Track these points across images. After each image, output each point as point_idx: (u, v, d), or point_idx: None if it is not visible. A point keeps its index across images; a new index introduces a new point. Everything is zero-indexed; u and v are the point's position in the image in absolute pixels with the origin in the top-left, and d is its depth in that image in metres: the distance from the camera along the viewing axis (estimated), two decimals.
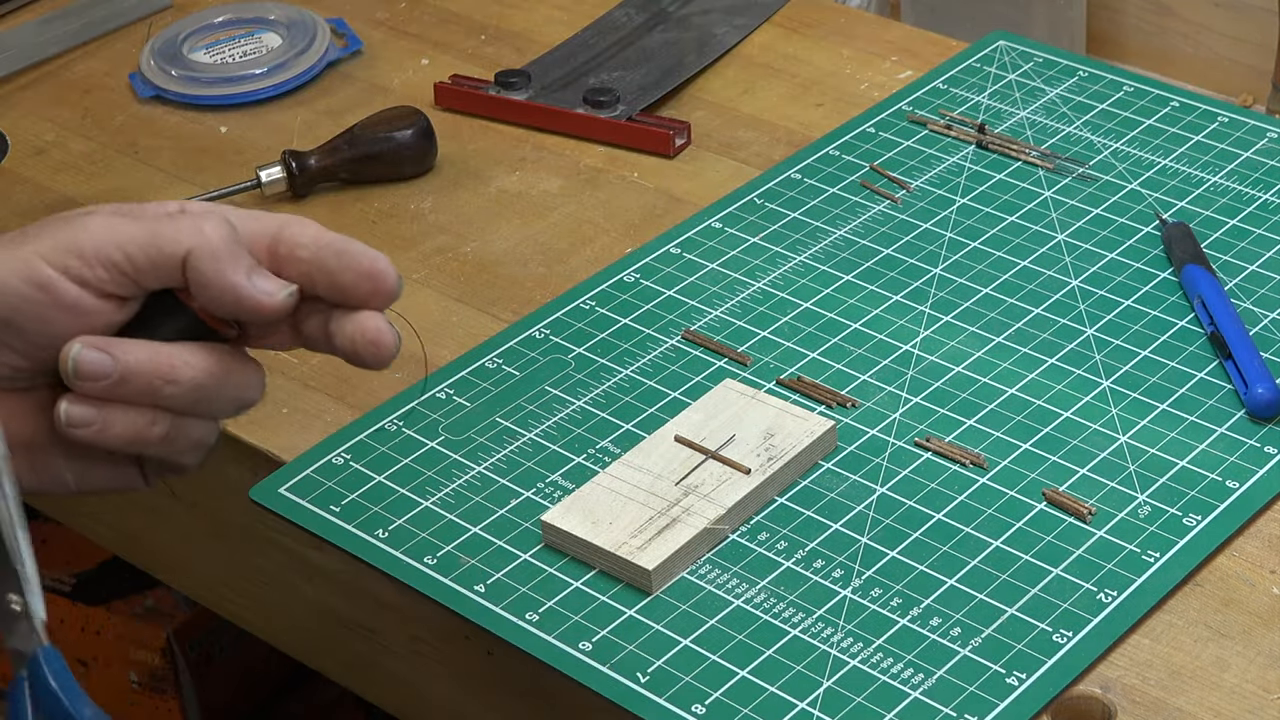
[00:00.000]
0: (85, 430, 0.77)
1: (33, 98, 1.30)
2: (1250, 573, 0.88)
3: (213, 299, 0.77)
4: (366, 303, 0.79)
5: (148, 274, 0.77)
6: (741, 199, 1.14)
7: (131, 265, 0.77)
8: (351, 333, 0.79)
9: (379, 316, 0.79)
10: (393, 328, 0.79)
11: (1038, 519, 0.91)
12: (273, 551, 1.01)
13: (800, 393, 0.99)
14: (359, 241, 0.79)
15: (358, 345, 0.79)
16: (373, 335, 0.79)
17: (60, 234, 0.77)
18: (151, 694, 1.42)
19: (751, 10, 1.33)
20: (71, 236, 0.76)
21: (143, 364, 0.77)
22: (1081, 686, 0.83)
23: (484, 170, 1.20)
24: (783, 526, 0.92)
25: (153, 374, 0.77)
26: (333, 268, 0.79)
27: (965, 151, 1.16)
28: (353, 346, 0.79)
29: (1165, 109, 1.19)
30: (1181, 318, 1.02)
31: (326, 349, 0.81)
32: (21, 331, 0.77)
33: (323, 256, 0.79)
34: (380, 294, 0.79)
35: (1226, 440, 0.94)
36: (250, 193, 1.18)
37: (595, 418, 0.99)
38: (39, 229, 0.78)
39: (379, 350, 0.79)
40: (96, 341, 0.77)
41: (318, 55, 1.29)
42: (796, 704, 0.83)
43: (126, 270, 0.77)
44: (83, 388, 0.77)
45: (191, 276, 0.77)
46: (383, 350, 0.79)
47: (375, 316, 0.79)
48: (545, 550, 0.91)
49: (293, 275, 0.79)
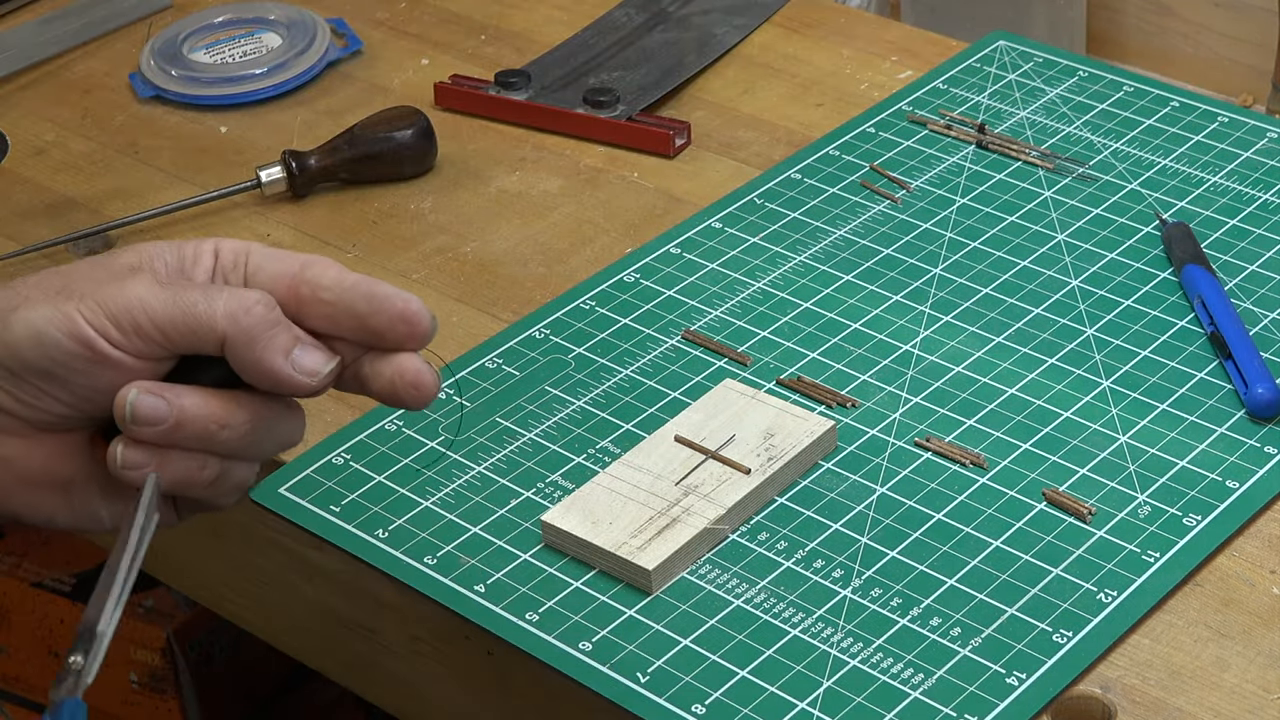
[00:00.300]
0: (139, 473, 0.78)
1: (33, 98, 1.30)
2: (1250, 573, 0.88)
3: (253, 379, 0.78)
4: (402, 345, 0.79)
5: (184, 347, 0.78)
6: (741, 199, 1.14)
7: (167, 339, 0.77)
8: (391, 376, 0.79)
9: (416, 358, 0.79)
10: (432, 368, 0.79)
11: (1038, 519, 0.91)
12: (273, 551, 1.01)
13: (800, 393, 0.99)
14: (385, 283, 0.79)
15: (398, 388, 0.79)
16: (413, 378, 0.79)
17: (101, 293, 0.77)
18: (151, 694, 1.42)
19: (751, 10, 1.33)
20: (111, 300, 0.77)
21: (198, 409, 0.78)
22: (1081, 686, 0.83)
23: (484, 170, 1.20)
24: (783, 526, 0.92)
25: (208, 419, 0.78)
26: (363, 311, 0.78)
27: (965, 151, 1.16)
28: (393, 389, 0.79)
29: (1165, 109, 1.19)
30: (1181, 318, 1.02)
31: (358, 390, 0.80)
32: (65, 383, 0.78)
33: (349, 299, 0.78)
34: (416, 337, 0.79)
35: (1226, 440, 0.94)
36: (250, 193, 1.18)
37: (595, 418, 0.99)
38: (83, 279, 0.78)
39: (420, 392, 0.79)
40: (152, 387, 0.77)
41: (318, 55, 1.29)
42: (796, 704, 0.83)
43: (162, 342, 0.77)
44: (139, 433, 0.77)
45: (230, 358, 0.77)
46: (424, 391, 0.79)
47: (412, 358, 0.79)
48: (545, 550, 0.91)
49: (316, 318, 0.79)
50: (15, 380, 0.77)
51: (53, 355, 0.77)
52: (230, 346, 0.77)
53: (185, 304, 0.77)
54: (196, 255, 0.81)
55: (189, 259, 0.81)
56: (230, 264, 0.81)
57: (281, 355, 0.77)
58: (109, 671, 1.42)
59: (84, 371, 0.77)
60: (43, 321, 0.77)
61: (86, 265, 0.80)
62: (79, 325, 0.77)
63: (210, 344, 0.77)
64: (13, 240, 1.16)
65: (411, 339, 0.79)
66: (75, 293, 0.77)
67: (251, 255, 0.81)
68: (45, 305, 0.77)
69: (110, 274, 0.78)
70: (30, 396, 0.78)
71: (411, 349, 0.79)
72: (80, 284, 0.78)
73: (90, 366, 0.77)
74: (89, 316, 0.77)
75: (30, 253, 1.14)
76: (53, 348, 0.77)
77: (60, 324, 0.77)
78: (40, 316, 0.77)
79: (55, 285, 0.78)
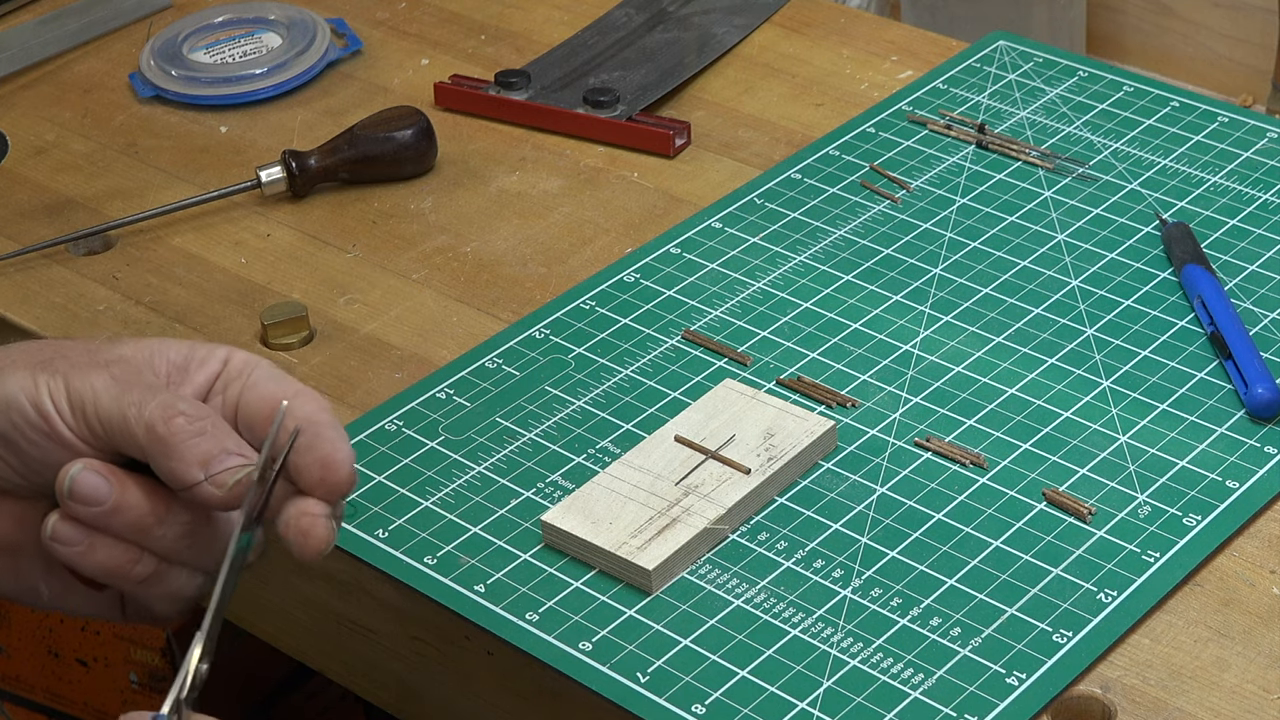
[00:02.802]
0: (68, 550, 0.77)
1: (33, 98, 1.30)
2: (1250, 573, 0.88)
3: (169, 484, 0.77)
4: (314, 490, 0.78)
5: (119, 445, 0.77)
6: (741, 199, 1.14)
7: (107, 435, 0.77)
8: (287, 516, 0.78)
9: (320, 506, 0.77)
10: (332, 526, 0.77)
11: (1038, 519, 0.91)
12: (273, 552, 1.01)
13: (800, 393, 0.99)
14: (339, 429, 0.78)
15: (290, 529, 0.77)
16: (306, 524, 0.77)
17: (73, 374, 0.77)
18: (151, 694, 1.42)
19: (751, 10, 1.33)
20: (74, 384, 0.77)
21: (137, 499, 0.77)
22: (1081, 686, 0.83)
23: (484, 170, 1.20)
24: (783, 526, 0.92)
25: (146, 511, 0.77)
26: (297, 446, 0.78)
27: (965, 151, 1.16)
28: (285, 528, 0.78)
29: (1165, 109, 1.19)
30: (1181, 318, 1.02)
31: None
32: (21, 452, 0.78)
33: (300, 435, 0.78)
34: (327, 484, 0.78)
35: (1226, 440, 0.94)
36: (250, 193, 1.18)
37: (595, 418, 0.99)
38: (67, 358, 0.78)
39: (305, 542, 0.77)
40: (101, 467, 0.77)
41: (318, 55, 1.29)
42: (796, 704, 0.83)
43: (103, 436, 0.77)
44: (75, 510, 0.77)
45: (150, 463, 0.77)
46: (309, 544, 0.77)
47: (318, 505, 0.77)
48: (545, 550, 0.91)
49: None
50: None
51: (14, 420, 0.77)
52: (148, 453, 0.77)
53: (124, 403, 0.77)
54: (205, 359, 0.81)
55: (196, 360, 0.81)
56: (235, 373, 0.81)
57: (196, 465, 0.76)
58: (109, 671, 1.42)
59: (39, 444, 0.78)
60: (15, 388, 0.77)
61: (81, 345, 0.80)
62: (42, 398, 0.77)
63: (134, 447, 0.77)
64: (13, 240, 1.16)
65: (323, 485, 0.77)
66: (54, 368, 0.78)
67: (256, 371, 0.80)
68: (24, 372, 0.78)
69: (93, 360, 0.78)
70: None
71: (323, 496, 0.78)
72: (62, 361, 0.78)
73: (45, 440, 0.77)
74: (53, 392, 0.77)
75: (30, 253, 1.14)
76: (16, 413, 0.77)
77: (29, 393, 0.77)
78: (15, 384, 0.77)
79: (43, 356, 0.78)
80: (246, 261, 1.13)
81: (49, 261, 1.14)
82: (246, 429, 0.80)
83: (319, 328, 1.07)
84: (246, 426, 0.80)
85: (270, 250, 1.14)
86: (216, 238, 1.15)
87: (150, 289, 1.11)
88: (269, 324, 1.06)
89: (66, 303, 1.10)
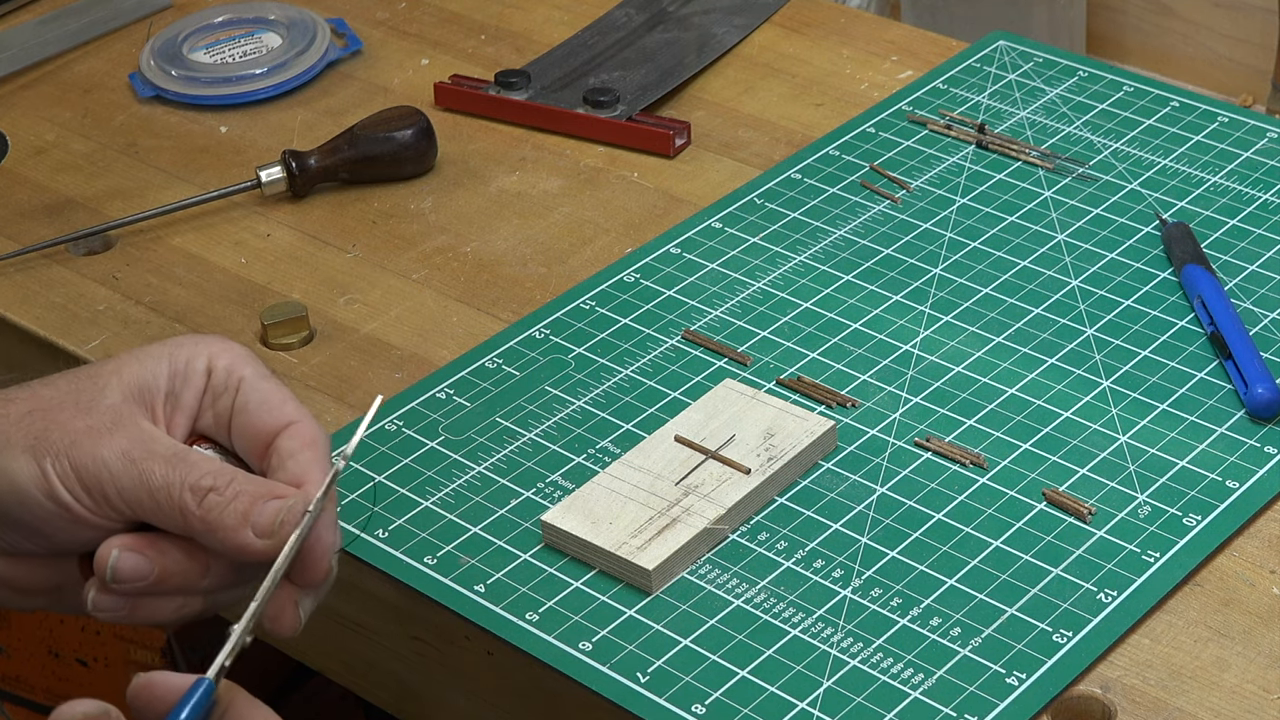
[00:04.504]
0: (112, 615, 0.78)
1: (33, 98, 1.30)
2: (1250, 573, 0.88)
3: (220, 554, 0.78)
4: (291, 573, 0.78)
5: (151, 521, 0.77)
6: (741, 199, 1.14)
7: (134, 513, 0.77)
8: None
9: (294, 592, 0.78)
10: (299, 617, 0.77)
11: (1038, 519, 0.91)
12: None
13: (800, 393, 0.99)
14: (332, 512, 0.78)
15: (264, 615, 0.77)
16: (273, 610, 0.77)
17: (76, 452, 0.77)
18: None
19: (751, 10, 1.33)
20: (82, 466, 0.77)
21: (179, 564, 0.78)
22: (1081, 686, 0.83)
23: (484, 170, 1.20)
24: (783, 526, 0.92)
25: (190, 569, 0.78)
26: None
27: (965, 151, 1.16)
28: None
29: (1165, 109, 1.19)
30: (1181, 318, 1.02)
31: None
32: (38, 533, 0.78)
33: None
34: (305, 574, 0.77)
35: (1226, 440, 0.94)
36: (250, 192, 1.18)
37: (595, 418, 0.99)
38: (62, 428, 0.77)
39: (272, 626, 0.77)
40: (133, 543, 0.77)
41: (318, 55, 1.29)
42: (796, 704, 0.83)
43: (129, 515, 0.77)
44: (122, 589, 0.77)
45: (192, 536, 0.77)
46: (276, 629, 0.77)
47: (290, 591, 0.78)
48: (545, 550, 0.91)
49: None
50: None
51: (34, 511, 0.77)
52: (189, 533, 0.77)
53: (148, 485, 0.77)
54: (188, 374, 0.80)
55: (179, 379, 0.80)
56: (221, 386, 0.80)
57: (240, 528, 0.77)
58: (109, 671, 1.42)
59: (62, 528, 0.78)
60: (23, 478, 0.77)
61: (66, 398, 0.79)
62: (55, 488, 0.77)
63: (167, 524, 0.77)
64: (13, 240, 1.16)
65: (300, 574, 0.77)
66: (51, 445, 0.77)
67: (242, 386, 0.80)
68: (25, 457, 0.77)
69: (88, 425, 0.78)
70: (11, 538, 0.78)
71: (294, 580, 0.78)
72: (58, 433, 0.77)
73: (68, 525, 0.77)
74: (63, 478, 0.77)
75: (30, 253, 1.14)
76: (34, 506, 0.77)
77: (39, 483, 0.77)
78: (21, 473, 0.77)
79: (34, 429, 0.77)
80: (246, 261, 1.13)
81: (49, 261, 1.14)
82: (242, 453, 0.81)
83: (319, 328, 1.07)
84: (243, 452, 0.81)
85: (270, 250, 1.14)
86: (216, 238, 1.15)
87: (150, 289, 1.11)
88: (269, 324, 1.06)
89: (66, 303, 1.10)
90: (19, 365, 1.11)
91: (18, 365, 1.11)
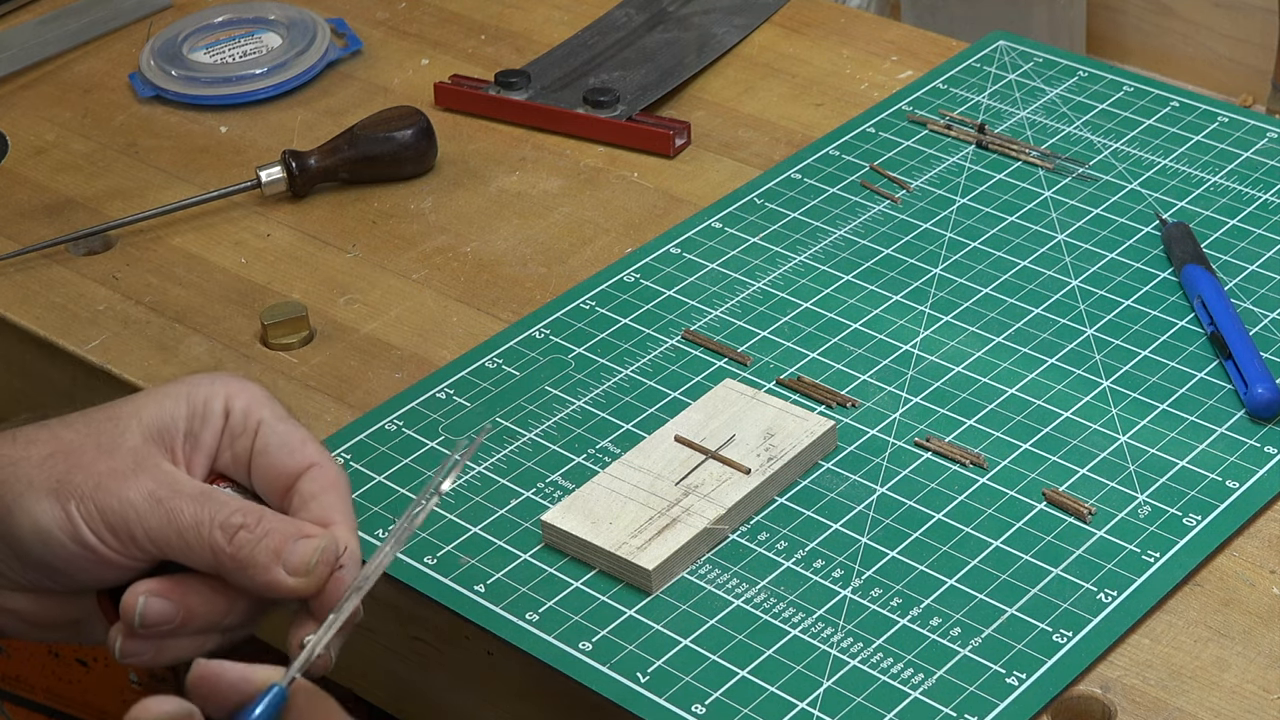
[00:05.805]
0: (140, 660, 0.78)
1: (33, 98, 1.30)
2: (1250, 573, 0.88)
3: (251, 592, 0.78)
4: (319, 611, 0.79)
5: (179, 560, 0.78)
6: (741, 199, 1.14)
7: (161, 552, 0.78)
8: (293, 630, 0.79)
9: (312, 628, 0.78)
10: (331, 656, 0.78)
11: (1038, 519, 0.91)
12: None
13: (800, 393, 0.99)
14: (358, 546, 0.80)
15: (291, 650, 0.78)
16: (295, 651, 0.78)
17: (100, 495, 0.77)
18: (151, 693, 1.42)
19: (751, 10, 1.33)
20: (108, 508, 0.77)
21: (203, 605, 0.78)
22: (1081, 686, 0.83)
23: (484, 170, 1.20)
24: (783, 526, 0.92)
25: (214, 609, 0.78)
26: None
27: (965, 151, 1.16)
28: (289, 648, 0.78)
29: (1165, 109, 1.19)
30: (1181, 318, 1.02)
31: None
32: (61, 574, 0.78)
33: None
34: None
35: (1226, 440, 0.94)
36: (250, 192, 1.18)
37: (595, 418, 0.99)
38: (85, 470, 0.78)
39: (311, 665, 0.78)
40: (158, 588, 0.78)
41: (318, 55, 1.29)
42: (796, 704, 0.83)
43: (156, 555, 0.78)
44: (148, 633, 0.78)
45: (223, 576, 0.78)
46: (313, 668, 0.78)
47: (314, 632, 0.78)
48: (545, 550, 0.91)
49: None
50: (20, 564, 0.78)
51: (56, 552, 0.77)
52: (221, 572, 0.78)
53: (176, 525, 0.77)
54: (205, 415, 0.81)
55: (198, 418, 0.80)
56: (239, 428, 0.81)
57: (274, 566, 0.77)
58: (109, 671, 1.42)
59: (86, 568, 0.78)
60: (47, 521, 0.77)
61: (88, 439, 0.79)
62: (81, 531, 0.77)
63: (197, 564, 0.78)
64: (13, 240, 1.16)
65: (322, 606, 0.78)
66: (75, 487, 0.77)
67: (261, 428, 0.80)
68: (48, 500, 0.77)
69: (112, 467, 0.78)
70: (33, 577, 0.79)
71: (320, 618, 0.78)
72: (80, 475, 0.77)
73: (93, 566, 0.78)
74: (89, 520, 0.77)
75: (30, 253, 1.14)
76: (57, 547, 0.77)
77: (63, 527, 0.77)
78: (45, 516, 0.77)
79: (56, 471, 0.78)
80: (246, 261, 1.13)
81: (49, 261, 1.14)
82: (263, 494, 0.81)
83: (319, 328, 1.07)
84: (263, 492, 0.81)
85: (270, 250, 1.14)
86: (216, 238, 1.15)
87: (150, 289, 1.11)
88: (269, 324, 1.06)
89: (66, 303, 1.10)
90: (19, 365, 1.11)
91: (17, 364, 1.11)
